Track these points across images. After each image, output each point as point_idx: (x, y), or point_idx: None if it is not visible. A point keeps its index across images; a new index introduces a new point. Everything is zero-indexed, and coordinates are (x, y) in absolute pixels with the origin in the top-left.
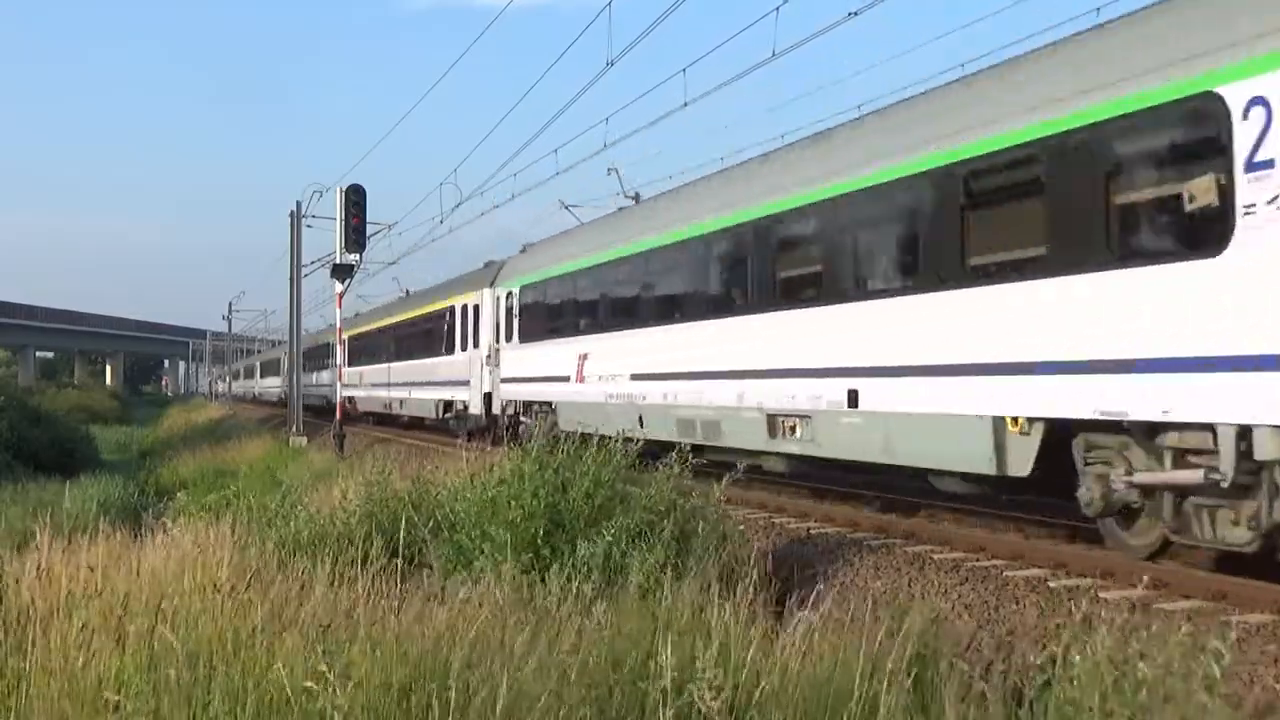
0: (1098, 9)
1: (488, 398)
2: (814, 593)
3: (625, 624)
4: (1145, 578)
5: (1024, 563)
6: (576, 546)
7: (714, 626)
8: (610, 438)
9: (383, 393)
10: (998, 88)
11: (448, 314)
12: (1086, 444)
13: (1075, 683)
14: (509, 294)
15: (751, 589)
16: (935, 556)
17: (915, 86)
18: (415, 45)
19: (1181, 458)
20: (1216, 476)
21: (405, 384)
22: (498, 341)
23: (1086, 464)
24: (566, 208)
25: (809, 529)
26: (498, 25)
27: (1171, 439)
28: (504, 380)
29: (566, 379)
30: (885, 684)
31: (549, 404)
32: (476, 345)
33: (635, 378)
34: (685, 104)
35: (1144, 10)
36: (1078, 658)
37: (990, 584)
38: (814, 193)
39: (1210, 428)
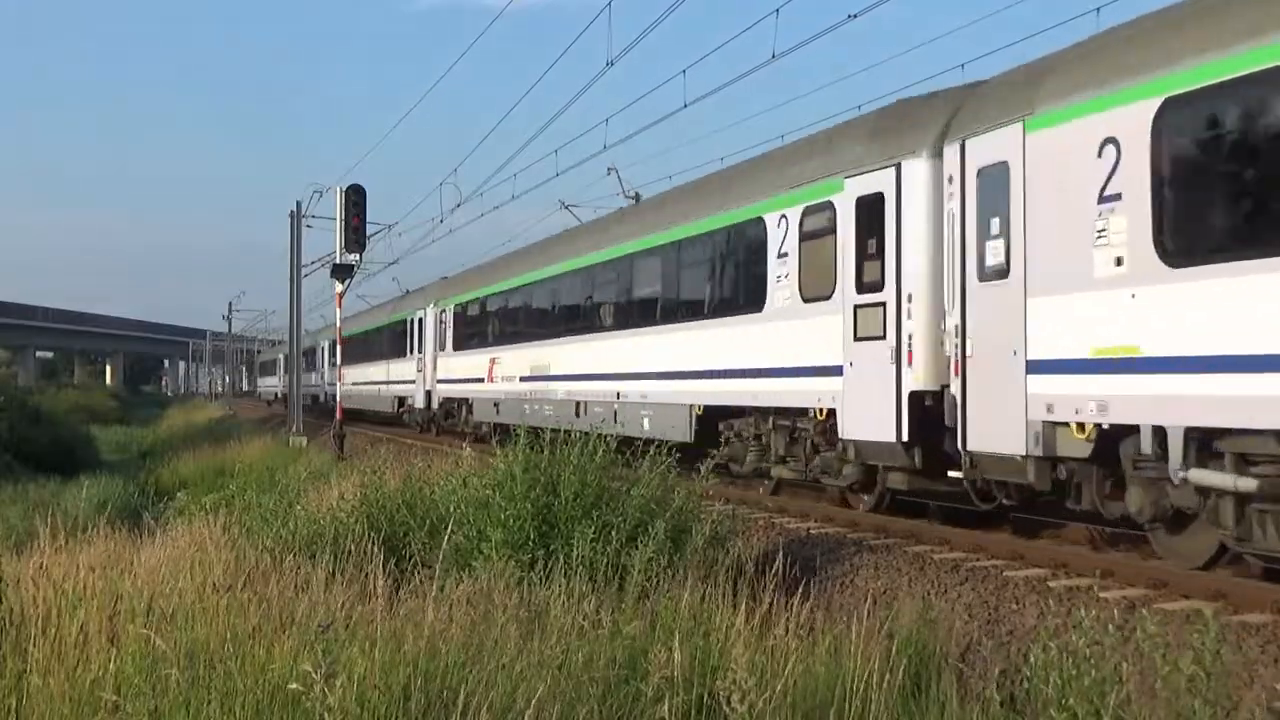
0: (1098, 9)
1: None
2: (814, 593)
3: (621, 623)
4: (1145, 578)
5: (1024, 563)
6: (571, 546)
7: (714, 626)
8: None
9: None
10: None
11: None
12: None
13: (1061, 682)
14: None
15: (749, 588)
16: (935, 556)
17: (915, 88)
18: (417, 45)
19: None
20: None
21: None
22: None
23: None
24: (566, 207)
25: (809, 529)
26: (498, 25)
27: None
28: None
29: None
30: (880, 683)
31: None
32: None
33: None
34: (685, 105)
35: None
36: (1068, 658)
37: (990, 584)
38: None
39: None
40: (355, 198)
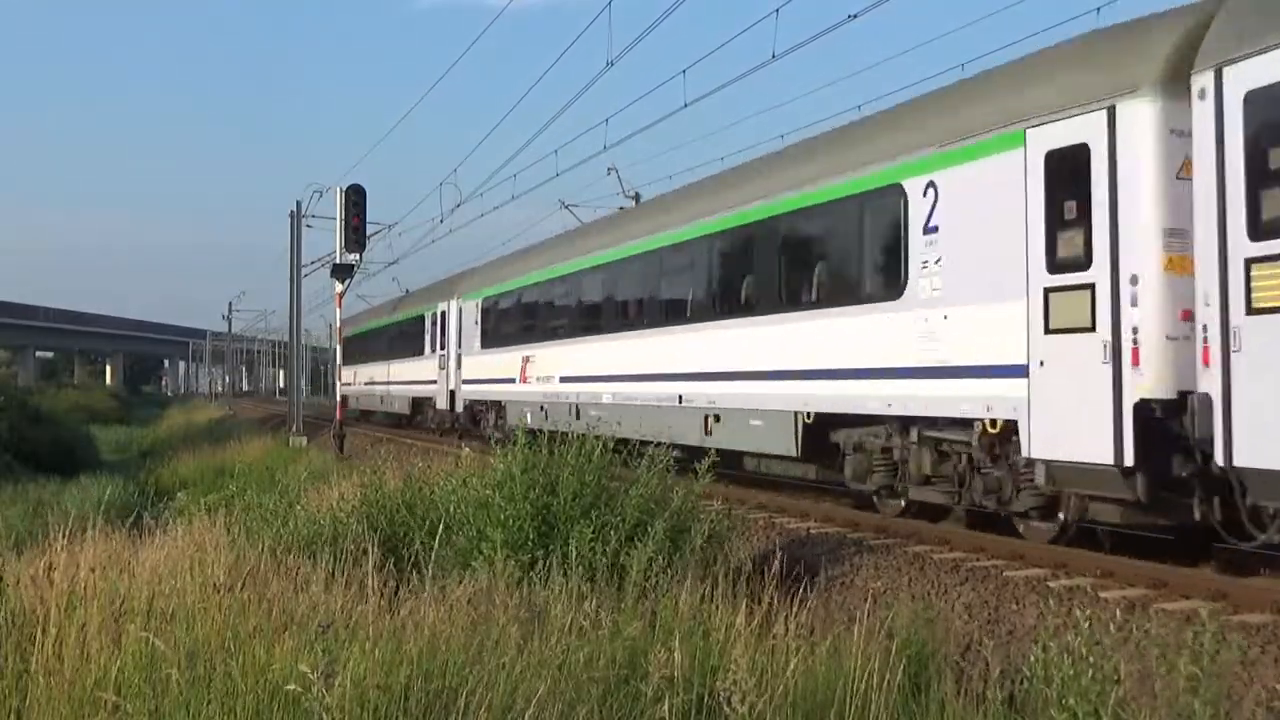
0: (1098, 9)
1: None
2: (814, 593)
3: (621, 623)
4: (1145, 578)
5: (1024, 563)
6: (570, 546)
7: (714, 626)
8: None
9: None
10: None
11: None
12: None
13: (1060, 682)
14: None
15: (748, 588)
16: (935, 556)
17: (915, 88)
18: (418, 45)
19: None
20: None
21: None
22: None
23: None
24: (566, 207)
25: (809, 529)
26: (498, 25)
27: None
28: None
29: None
30: (880, 683)
31: None
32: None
33: None
34: (685, 104)
35: None
36: (1066, 657)
37: (990, 584)
38: None
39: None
40: (355, 198)
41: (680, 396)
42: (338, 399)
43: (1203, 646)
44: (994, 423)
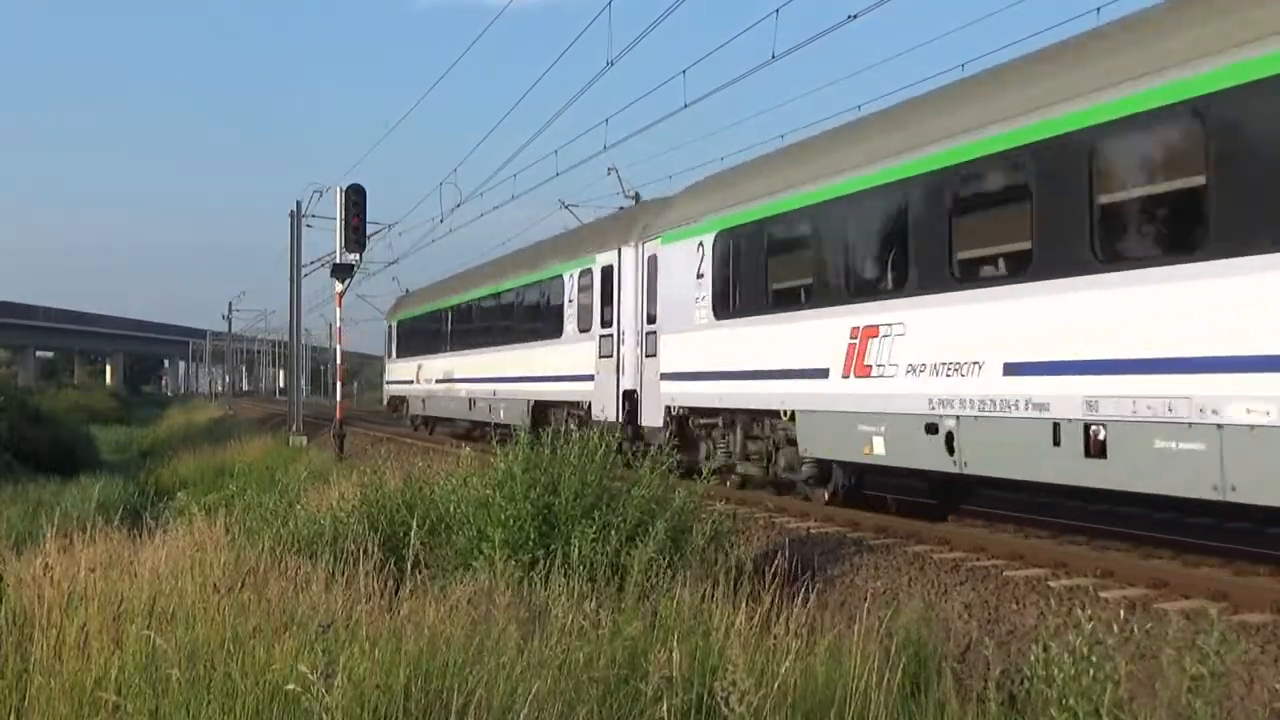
0: (1098, 9)
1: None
2: (813, 592)
3: (621, 623)
4: (1145, 577)
5: (1024, 563)
6: (571, 546)
7: (714, 626)
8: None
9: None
10: None
11: None
12: None
13: (1061, 683)
14: None
15: (748, 588)
16: (935, 556)
17: (914, 88)
18: (418, 45)
19: None
20: None
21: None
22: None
23: None
24: (566, 207)
25: (809, 529)
26: (498, 25)
27: None
28: None
29: None
30: (880, 683)
31: None
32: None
33: None
34: (685, 105)
35: None
36: (1067, 656)
37: (990, 584)
38: None
39: None
40: (355, 198)
41: None
42: (338, 399)
43: (1207, 646)
44: None
